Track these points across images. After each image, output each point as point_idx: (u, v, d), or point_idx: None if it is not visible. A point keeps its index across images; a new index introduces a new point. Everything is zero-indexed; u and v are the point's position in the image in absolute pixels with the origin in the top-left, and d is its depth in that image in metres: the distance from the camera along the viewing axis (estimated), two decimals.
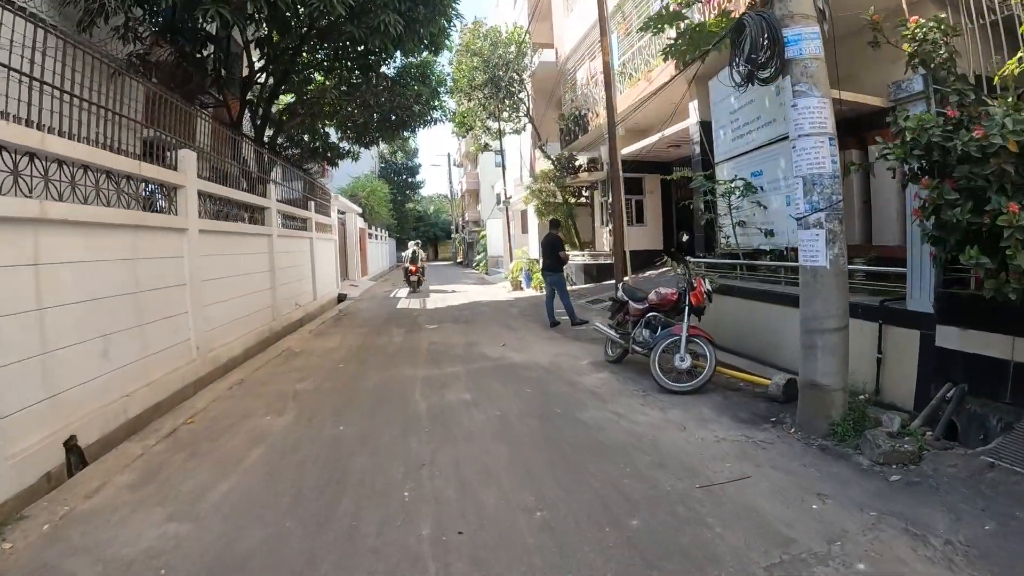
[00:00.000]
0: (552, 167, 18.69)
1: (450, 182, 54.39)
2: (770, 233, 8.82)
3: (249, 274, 9.74)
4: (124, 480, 4.25)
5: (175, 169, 7.17)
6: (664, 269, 16.53)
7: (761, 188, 8.99)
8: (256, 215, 10.81)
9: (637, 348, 7.05)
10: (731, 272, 9.55)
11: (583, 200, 19.35)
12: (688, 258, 8.58)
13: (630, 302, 7.53)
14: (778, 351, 7.53)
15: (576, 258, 17.40)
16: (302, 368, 8.05)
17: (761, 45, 5.29)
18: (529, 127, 21.61)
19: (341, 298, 18.70)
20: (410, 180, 59.34)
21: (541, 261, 10.94)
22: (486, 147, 21.09)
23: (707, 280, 7.06)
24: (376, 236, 34.35)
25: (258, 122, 13.80)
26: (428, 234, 64.71)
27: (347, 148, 17.28)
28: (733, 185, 9.07)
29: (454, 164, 56.51)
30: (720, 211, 10.31)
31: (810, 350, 5.09)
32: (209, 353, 7.57)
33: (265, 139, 14.70)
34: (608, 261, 16.74)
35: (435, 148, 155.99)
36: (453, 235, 57.33)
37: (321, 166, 21.03)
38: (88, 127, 5.38)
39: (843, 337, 5.06)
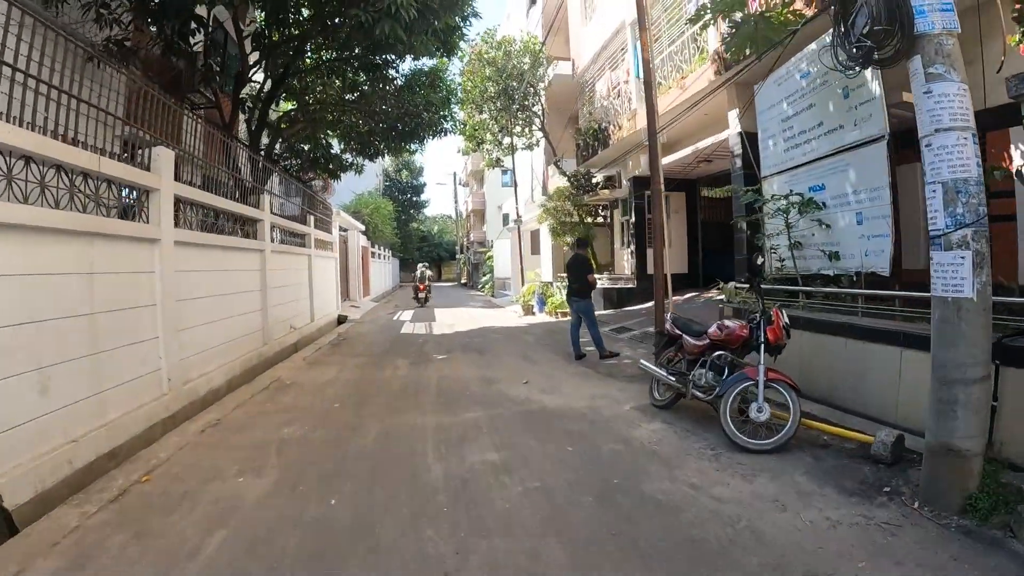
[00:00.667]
0: (567, 184, 17.54)
1: (455, 201, 53.40)
2: (835, 256, 7.63)
3: (236, 293, 8.56)
4: (46, 568, 3.13)
5: (147, 169, 6.00)
6: (691, 295, 15.30)
7: (824, 204, 7.81)
8: (248, 228, 9.65)
9: (698, 394, 5.76)
10: (787, 300, 8.27)
11: (600, 220, 18.17)
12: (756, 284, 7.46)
13: (685, 337, 6.26)
14: (857, 395, 6.23)
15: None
16: (290, 408, 6.77)
17: (879, 17, 4.13)
18: (542, 142, 20.51)
19: (341, 320, 17.46)
20: (414, 199, 58.47)
21: (568, 285, 9.70)
22: (497, 162, 19.96)
23: (783, 312, 5.79)
24: (379, 255, 33.19)
25: (254, 127, 12.68)
26: (432, 254, 63.69)
27: (350, 160, 16.17)
28: (790, 201, 7.87)
29: (460, 184, 55.65)
30: (770, 230, 9.14)
31: (947, 406, 3.92)
32: (185, 385, 6.39)
33: (261, 147, 13.62)
34: (629, 285, 15.51)
35: (440, 167, 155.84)
36: (457, 256, 56.19)
37: (323, 180, 20.03)
38: (53, 121, 4.48)
39: (986, 389, 3.98)
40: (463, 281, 52.61)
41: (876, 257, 7.01)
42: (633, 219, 15.53)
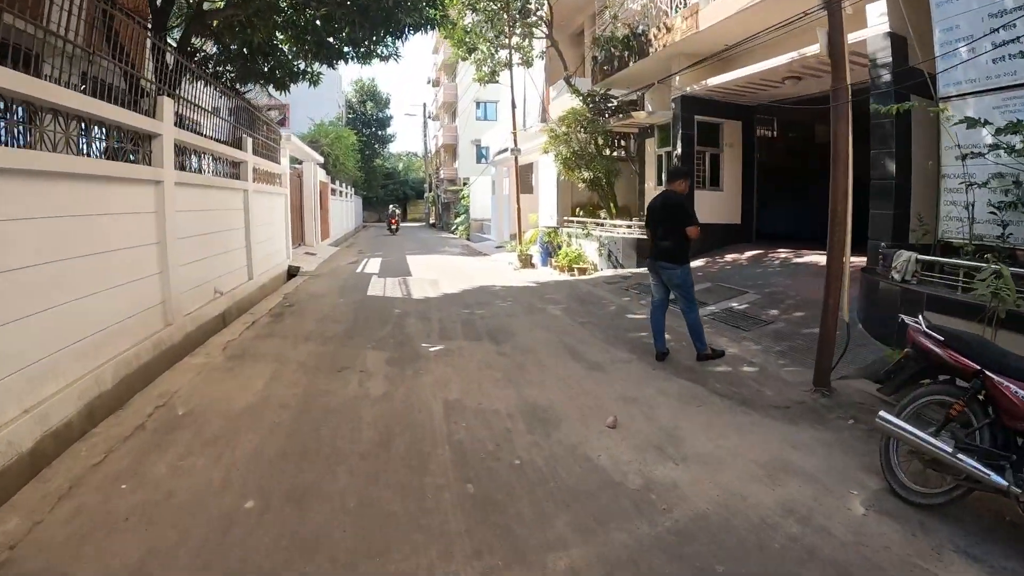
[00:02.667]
0: (581, 106, 13.85)
1: (424, 136, 48.86)
2: None
3: (106, 252, 5.04)
4: None
5: None
6: (754, 252, 12.05)
7: None
8: (137, 148, 6.01)
9: None
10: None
11: (618, 153, 14.62)
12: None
13: (1001, 383, 2.96)
14: None
15: (618, 230, 12.72)
16: (155, 494, 3.31)
17: None
18: (541, 60, 16.61)
19: (292, 273, 13.81)
20: (380, 133, 53.53)
21: (655, 241, 6.26)
22: (492, 76, 16.05)
23: None
24: (341, 193, 29.03)
25: (159, 1, 8.74)
26: (397, 192, 59.23)
27: (303, 67, 12.20)
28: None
29: (429, 117, 50.97)
30: (950, 175, 5.99)
31: None
32: None
33: (170, 38, 9.72)
34: None
35: (409, 98, 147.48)
36: (425, 195, 51.97)
37: (276, 106, 16.01)
38: None
39: None
40: (431, 222, 48.70)
41: None
42: (680, 150, 12.04)
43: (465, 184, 34.95)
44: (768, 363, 6.06)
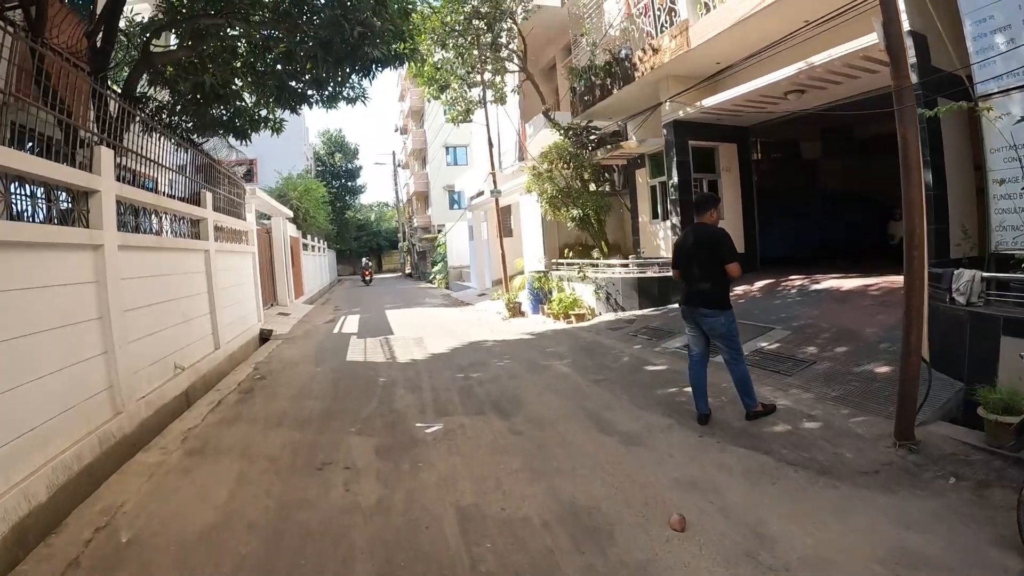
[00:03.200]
0: (563, 140, 13.14)
1: (395, 184, 48.18)
2: None
3: (34, 334, 4.05)
4: None
5: None
6: (765, 282, 11.26)
7: None
8: (73, 208, 5.06)
9: None
10: None
11: (605, 188, 13.88)
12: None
13: None
14: None
15: (614, 270, 11.86)
16: None
17: None
18: (514, 95, 15.98)
19: (265, 337, 12.68)
20: (350, 184, 52.71)
21: (692, 283, 5.32)
22: (466, 115, 15.28)
23: None
24: (313, 247, 27.95)
25: (99, 41, 7.84)
26: (370, 244, 58.17)
27: (265, 115, 11.34)
28: None
29: (399, 165, 50.43)
30: (1005, 179, 5.27)
31: None
32: None
33: (116, 85, 8.85)
34: (668, 273, 11.32)
35: (377, 146, 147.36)
36: (400, 244, 51.02)
37: (240, 159, 15.10)
38: None
39: None
40: (407, 272, 47.64)
41: None
42: (677, 179, 11.29)
43: (440, 231, 34.14)
44: (830, 415, 5.13)
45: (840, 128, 14.75)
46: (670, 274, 11.38)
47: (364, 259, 44.53)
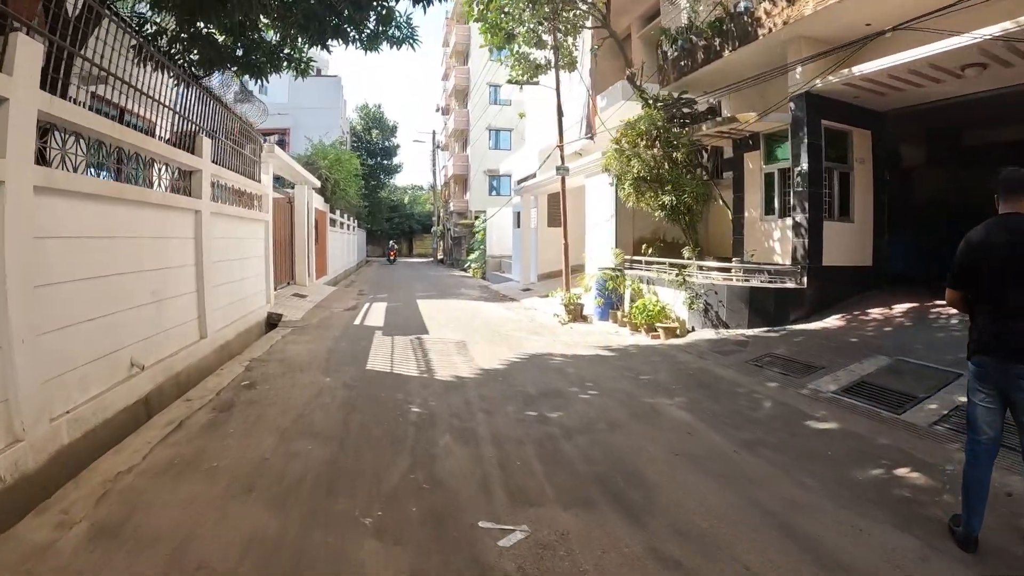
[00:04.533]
0: (657, 112, 10.61)
1: (434, 165, 45.97)
2: None
3: None
4: None
5: None
6: (907, 306, 8.70)
7: None
8: None
9: None
10: None
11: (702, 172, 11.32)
12: None
13: None
14: None
15: (714, 275, 9.37)
16: None
17: None
18: (586, 61, 13.47)
19: (273, 323, 10.51)
20: (385, 163, 50.51)
21: (1003, 303, 2.87)
22: (536, 72, 12.76)
23: None
24: (342, 224, 25.74)
25: None
26: (402, 226, 55.99)
27: (285, 51, 9.07)
28: None
29: (438, 147, 48.17)
30: None
31: None
32: None
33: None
34: (789, 284, 8.86)
35: (417, 127, 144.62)
36: (433, 228, 48.79)
37: (272, 128, 12.87)
38: None
39: None
40: (439, 257, 45.39)
41: None
42: (807, 166, 8.78)
43: (477, 217, 31.73)
44: None
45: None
46: (788, 285, 8.96)
47: (391, 241, 46.88)
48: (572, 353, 8.12)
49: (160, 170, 6.34)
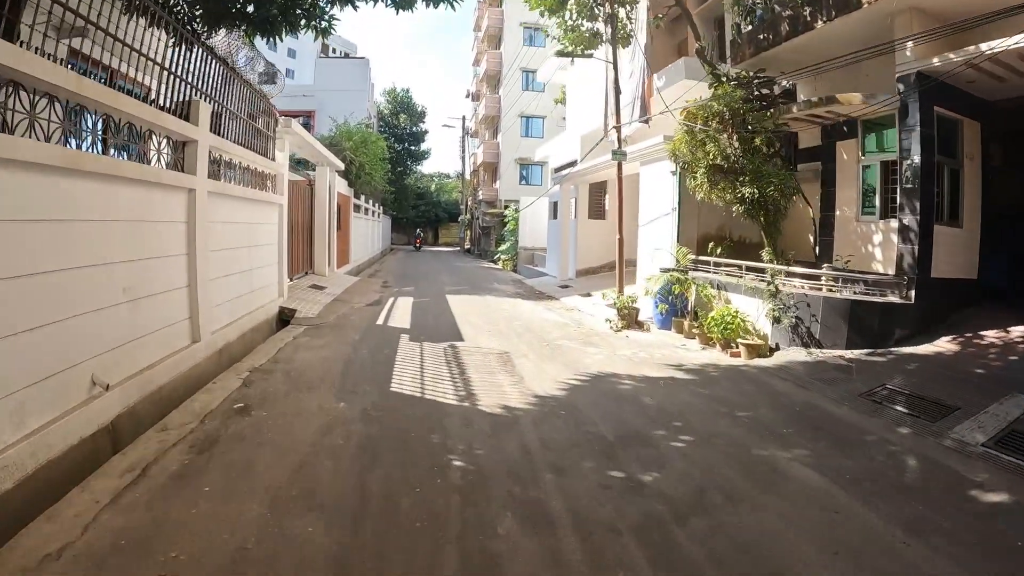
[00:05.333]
0: (735, 90, 9.08)
1: (463, 152, 44.64)
2: None
3: None
4: None
5: None
6: None
7: None
8: None
9: None
10: None
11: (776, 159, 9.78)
12: None
13: None
14: None
15: (805, 283, 7.89)
16: None
17: None
18: (641, 37, 11.94)
19: (285, 318, 9.29)
20: (413, 149, 49.13)
21: None
22: (591, 43, 11.27)
23: None
24: (366, 210, 24.48)
25: None
26: (430, 214, 54.65)
27: (308, 5, 7.71)
28: None
29: (468, 133, 46.81)
30: None
31: None
32: None
33: None
34: (892, 298, 7.37)
35: (446, 113, 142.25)
36: (461, 217, 47.46)
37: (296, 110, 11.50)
38: None
39: None
40: (466, 247, 44.07)
41: None
42: (920, 159, 7.26)
43: (507, 206, 30.30)
44: None
45: None
46: (892, 299, 7.42)
47: (418, 229, 48.30)
48: (641, 374, 6.66)
49: (143, 137, 5.07)
